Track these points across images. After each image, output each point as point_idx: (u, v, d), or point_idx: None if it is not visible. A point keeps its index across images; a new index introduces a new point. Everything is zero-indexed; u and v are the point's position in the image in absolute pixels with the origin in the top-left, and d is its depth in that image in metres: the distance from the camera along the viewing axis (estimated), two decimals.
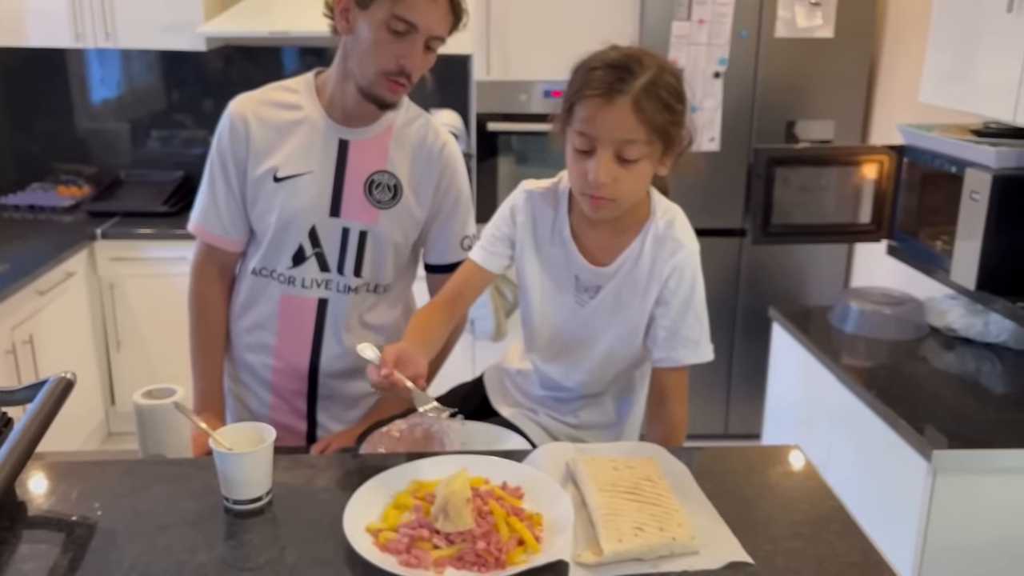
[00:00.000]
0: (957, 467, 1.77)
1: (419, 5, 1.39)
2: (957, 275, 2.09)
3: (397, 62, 1.42)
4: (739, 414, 3.50)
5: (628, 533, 1.05)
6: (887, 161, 2.40)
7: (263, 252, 1.58)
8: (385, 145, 1.55)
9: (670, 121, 1.25)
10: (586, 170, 1.26)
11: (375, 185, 1.54)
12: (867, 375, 2.10)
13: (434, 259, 1.65)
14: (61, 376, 1.21)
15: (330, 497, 1.18)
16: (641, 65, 1.24)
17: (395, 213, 1.56)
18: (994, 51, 2.02)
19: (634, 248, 1.37)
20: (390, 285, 1.63)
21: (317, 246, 1.55)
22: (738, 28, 3.12)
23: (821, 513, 1.17)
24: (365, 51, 1.43)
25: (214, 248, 1.61)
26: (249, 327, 1.64)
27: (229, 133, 1.54)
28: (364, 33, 1.42)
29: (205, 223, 1.60)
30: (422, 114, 1.61)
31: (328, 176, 1.53)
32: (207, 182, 1.59)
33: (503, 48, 3.21)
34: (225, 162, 1.55)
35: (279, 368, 1.63)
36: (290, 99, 1.55)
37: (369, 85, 1.46)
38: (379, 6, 1.40)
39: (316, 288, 1.58)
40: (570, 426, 1.49)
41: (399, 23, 1.39)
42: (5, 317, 2.67)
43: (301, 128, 1.53)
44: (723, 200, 3.30)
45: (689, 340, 1.36)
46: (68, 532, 1.10)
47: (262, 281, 1.60)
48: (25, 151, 3.74)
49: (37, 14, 3.28)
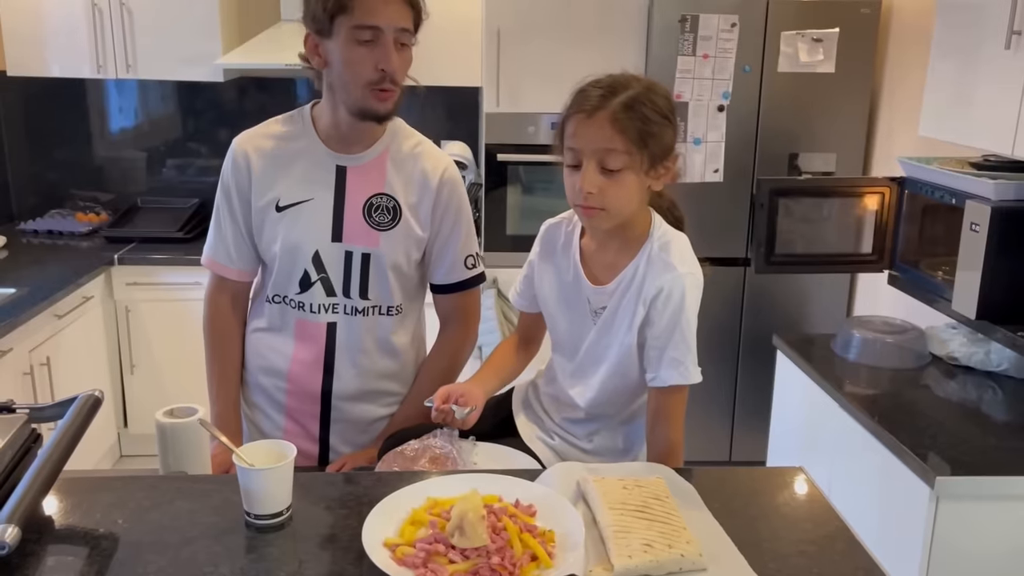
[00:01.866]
0: (960, 494, 1.79)
1: (374, 8, 1.43)
2: (958, 304, 2.13)
3: (376, 69, 1.46)
4: (743, 441, 3.52)
5: (638, 550, 1.09)
6: (888, 193, 2.46)
7: (274, 280, 1.62)
8: (382, 168, 1.59)
9: (646, 132, 1.32)
10: (575, 182, 1.35)
11: (374, 208, 1.58)
12: (870, 402, 2.13)
13: (439, 279, 1.68)
14: (90, 393, 1.26)
15: (348, 513, 1.21)
16: (624, 86, 1.34)
17: (395, 235, 1.59)
18: (992, 86, 2.08)
19: (631, 268, 1.42)
20: (400, 306, 1.66)
21: (322, 271, 1.59)
22: (741, 63, 3.20)
23: (826, 533, 1.20)
24: (344, 73, 1.48)
25: (224, 279, 1.67)
26: (264, 352, 1.68)
27: (232, 168, 1.60)
28: (337, 57, 1.47)
29: (214, 255, 1.66)
30: (417, 136, 1.65)
31: (328, 202, 1.58)
32: (215, 217, 1.66)
33: (512, 81, 3.29)
34: (230, 196, 1.61)
35: (292, 391, 1.67)
36: (288, 131, 1.60)
37: (360, 102, 1.49)
38: (339, 26, 1.44)
39: (325, 312, 1.62)
40: (585, 451, 1.53)
41: (363, 32, 1.44)
42: (24, 339, 2.72)
43: (300, 158, 1.58)
44: (727, 230, 3.36)
45: (674, 360, 1.39)
46: (94, 545, 1.14)
47: (277, 308, 1.65)
48: (44, 178, 3.83)
49: (59, 46, 3.39)
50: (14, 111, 3.75)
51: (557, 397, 1.56)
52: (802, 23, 3.18)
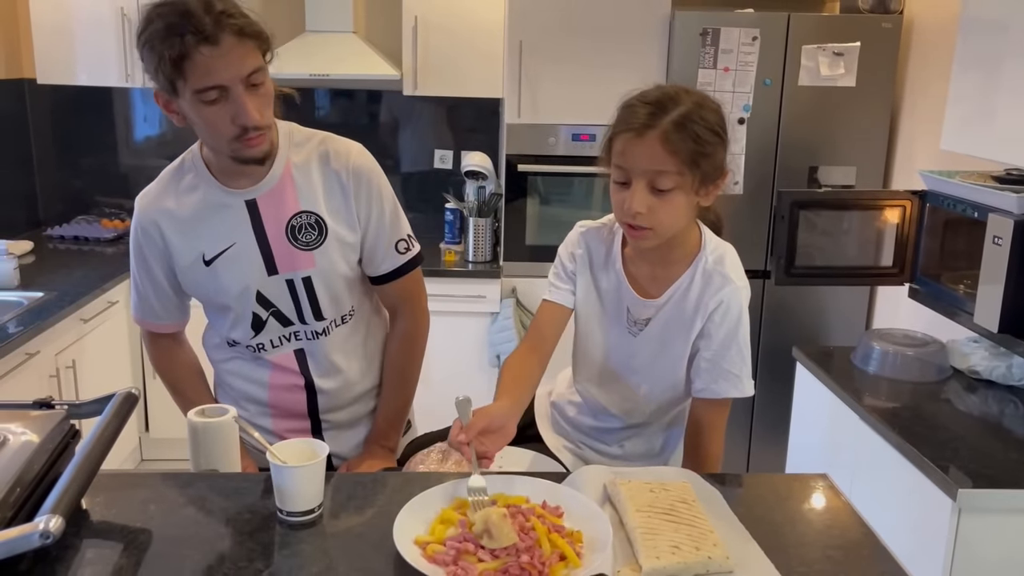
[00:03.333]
0: (982, 506, 1.79)
1: (209, 64, 1.31)
2: (980, 318, 2.13)
3: (235, 124, 1.37)
4: (761, 453, 3.51)
5: (665, 551, 1.10)
6: (909, 206, 2.46)
7: (227, 327, 1.59)
8: (290, 187, 1.52)
9: (698, 152, 1.29)
10: (623, 200, 1.33)
11: (297, 229, 1.52)
12: (890, 415, 2.13)
13: (375, 271, 1.62)
14: (127, 391, 1.29)
15: (378, 511, 1.23)
16: (675, 102, 1.30)
17: (327, 249, 1.53)
18: (1015, 100, 2.09)
19: (683, 281, 1.42)
20: (352, 309, 1.62)
21: (270, 306, 1.55)
22: (762, 76, 3.22)
23: (852, 539, 1.21)
24: (204, 131, 1.42)
25: (156, 333, 1.67)
26: (239, 384, 1.65)
27: (143, 236, 1.54)
28: (192, 116, 1.39)
29: (141, 314, 1.64)
30: (314, 136, 1.56)
31: (251, 241, 1.51)
32: (133, 280, 1.61)
33: (533, 93, 3.32)
34: (146, 260, 1.56)
35: (276, 415, 1.66)
36: (186, 183, 1.53)
37: (233, 153, 1.42)
38: (182, 88, 1.34)
39: (287, 343, 1.59)
40: (614, 457, 1.54)
41: (208, 93, 1.33)
42: (51, 342, 2.77)
43: (207, 207, 1.51)
44: (746, 242, 3.35)
45: (730, 374, 1.41)
46: (130, 539, 1.16)
47: (238, 350, 1.62)
48: (71, 185, 3.90)
49: (87, 54, 3.45)
50: (42, 119, 3.82)
51: (585, 407, 1.56)
52: (823, 37, 3.19)
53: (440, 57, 3.44)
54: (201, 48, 1.30)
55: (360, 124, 3.85)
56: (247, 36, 1.34)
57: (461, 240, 3.64)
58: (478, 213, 3.53)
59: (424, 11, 3.42)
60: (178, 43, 1.30)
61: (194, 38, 1.29)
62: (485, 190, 3.59)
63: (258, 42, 1.37)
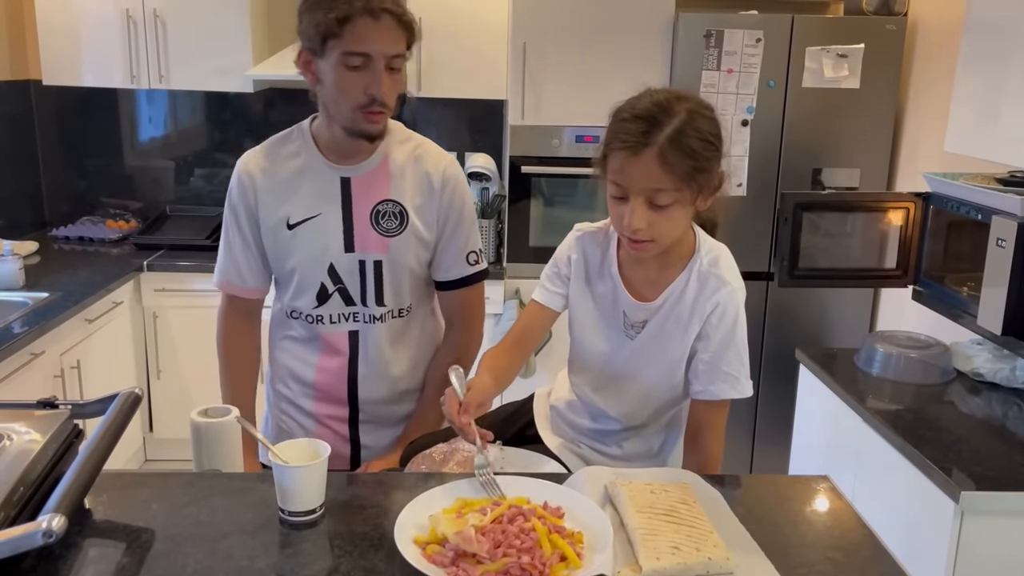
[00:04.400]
0: (985, 509, 1.78)
1: (365, 35, 1.44)
2: (984, 320, 2.13)
3: (365, 93, 1.47)
4: (764, 455, 3.51)
5: (666, 552, 1.10)
6: (913, 208, 2.46)
7: (291, 296, 1.65)
8: (385, 175, 1.61)
9: (696, 167, 1.29)
10: (622, 214, 1.33)
11: (381, 215, 1.60)
12: (893, 417, 2.13)
13: (442, 275, 1.69)
14: (130, 391, 1.29)
15: (379, 512, 1.24)
16: (669, 115, 1.28)
17: (404, 239, 1.62)
18: (1019, 102, 2.09)
19: (678, 283, 1.42)
20: (410, 307, 1.68)
21: (339, 282, 1.62)
22: (766, 78, 3.22)
23: (853, 540, 1.21)
24: (334, 94, 1.50)
25: (236, 298, 1.70)
26: (289, 362, 1.71)
27: (239, 189, 1.63)
28: (328, 78, 1.49)
29: (225, 276, 1.69)
30: (415, 137, 1.67)
31: (337, 215, 1.60)
32: (223, 237, 1.68)
33: (537, 94, 3.33)
34: (238, 216, 1.64)
35: (319, 398, 1.70)
36: (290, 149, 1.62)
37: (350, 123, 1.52)
38: (331, 48, 1.45)
39: (344, 322, 1.65)
40: (613, 457, 1.54)
41: (353, 58, 1.45)
42: (55, 343, 2.78)
43: (304, 175, 1.60)
44: (750, 244, 3.36)
45: (728, 375, 1.41)
46: (133, 538, 1.17)
47: (294, 322, 1.68)
48: (76, 186, 3.91)
49: (93, 56, 3.46)
50: (48, 120, 3.84)
51: (583, 409, 1.56)
52: (827, 39, 3.19)
53: (444, 59, 3.45)
54: (364, 17, 1.44)
55: None
56: (402, 25, 1.48)
57: None
58: (482, 215, 3.53)
59: (428, 13, 3.42)
60: (346, 7, 1.44)
61: (360, 6, 1.44)
62: (489, 191, 3.59)
63: (408, 35, 1.50)
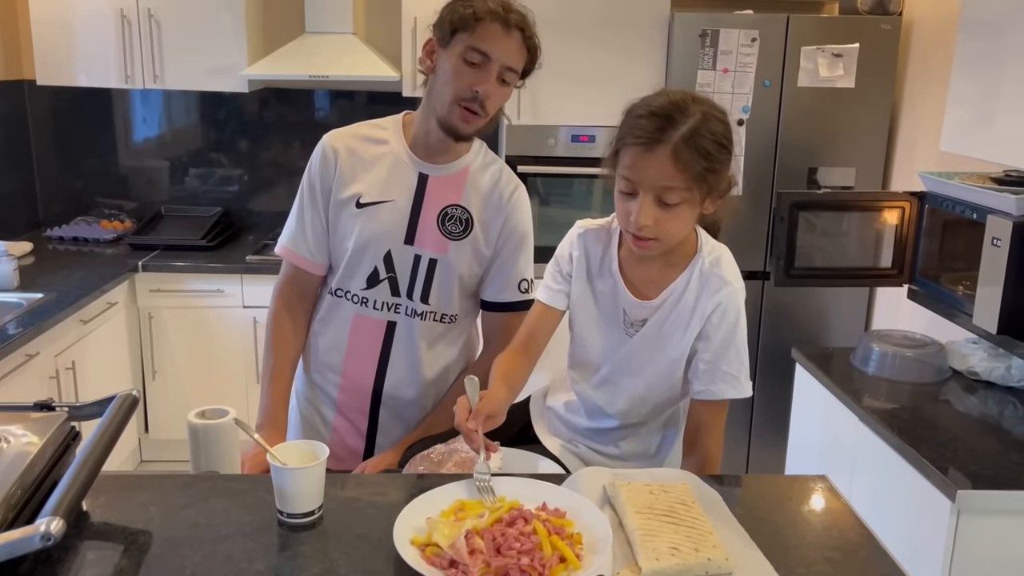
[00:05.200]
0: (981, 507, 1.79)
1: (492, 37, 1.51)
2: (979, 319, 2.13)
3: (471, 89, 1.52)
4: (760, 454, 3.51)
5: (665, 553, 1.10)
6: (908, 207, 2.46)
7: (341, 273, 1.67)
8: (461, 183, 1.65)
9: (708, 168, 1.30)
10: (629, 211, 1.34)
11: (448, 218, 1.64)
12: (889, 416, 2.13)
13: (491, 296, 1.72)
14: (127, 393, 1.29)
15: (377, 513, 1.23)
16: (684, 114, 1.30)
17: (463, 246, 1.65)
18: (1014, 102, 2.09)
19: (679, 283, 1.43)
20: (455, 317, 1.70)
21: (391, 270, 1.65)
22: (761, 77, 3.22)
23: (851, 540, 1.21)
24: (444, 82, 1.55)
25: (299, 270, 1.71)
26: (320, 345, 1.72)
27: (320, 161, 1.66)
28: (444, 67, 1.55)
29: (293, 246, 1.70)
30: (497, 160, 1.72)
31: (406, 206, 1.63)
32: (296, 207, 1.70)
33: (533, 94, 3.32)
34: (314, 188, 1.67)
35: (345, 387, 1.71)
36: (378, 135, 1.67)
37: (446, 114, 1.56)
38: (458, 40, 1.53)
39: (386, 311, 1.67)
40: (611, 457, 1.54)
41: (474, 54, 1.51)
42: (50, 344, 2.77)
43: (386, 160, 1.65)
44: (746, 243, 3.37)
45: (728, 375, 1.42)
46: (131, 540, 1.16)
47: (337, 301, 1.70)
48: (71, 186, 3.90)
49: (88, 56, 3.45)
50: (42, 120, 3.82)
51: (580, 409, 1.56)
52: (822, 38, 3.20)
53: None
54: (496, 22, 1.52)
55: None
56: (527, 45, 1.56)
57: None
58: None
59: (424, 12, 3.42)
60: (484, 7, 1.52)
61: (497, 12, 1.52)
62: None
63: (529, 56, 1.57)
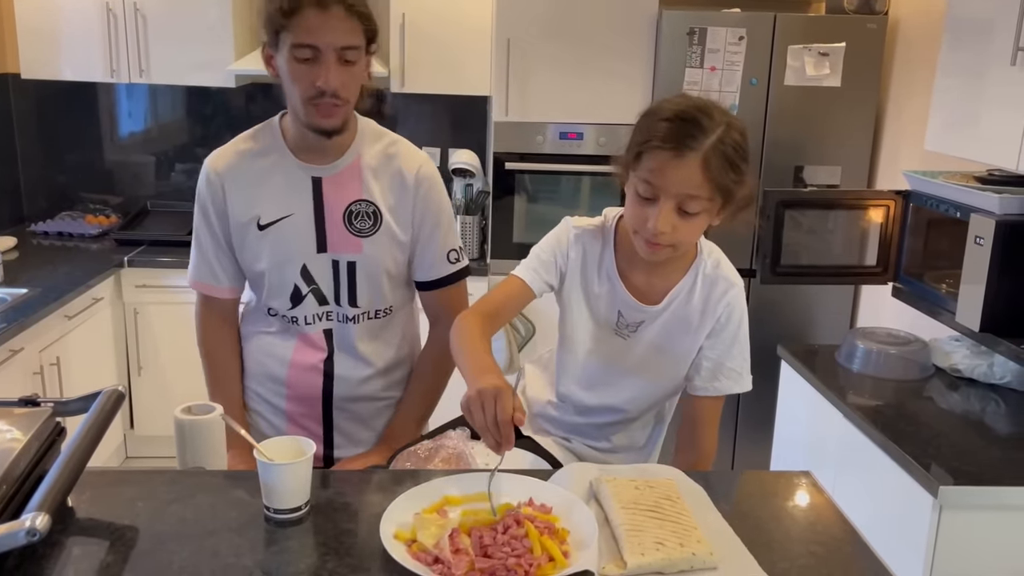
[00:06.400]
0: (963, 503, 1.81)
1: (312, 25, 1.41)
2: (962, 317, 2.15)
3: (314, 86, 1.44)
4: (746, 451, 3.53)
5: (650, 548, 1.11)
6: (893, 206, 2.48)
7: (264, 294, 1.63)
8: (357, 175, 1.58)
9: (735, 180, 1.29)
10: (646, 216, 1.30)
11: (354, 215, 1.58)
12: (873, 413, 2.15)
13: (423, 276, 1.68)
14: (113, 388, 1.28)
15: (364, 509, 1.24)
16: (712, 120, 1.27)
17: (378, 239, 1.59)
18: (998, 102, 2.11)
19: (683, 286, 1.43)
20: (390, 308, 1.67)
21: (312, 283, 1.60)
22: (748, 76, 3.24)
23: (834, 535, 1.23)
24: (288, 87, 1.49)
25: (211, 298, 1.68)
26: (263, 359, 1.69)
27: (207, 189, 1.60)
28: (283, 71, 1.48)
29: (198, 276, 1.67)
30: (388, 135, 1.64)
31: (308, 215, 1.57)
32: (194, 239, 1.66)
33: (521, 91, 3.33)
34: (208, 215, 1.61)
35: (292, 396, 1.68)
36: (260, 146, 1.60)
37: (305, 117, 1.49)
38: (283, 41, 1.44)
39: (319, 321, 1.63)
40: (602, 451, 1.55)
41: (302, 50, 1.43)
42: (34, 339, 2.75)
43: (274, 174, 1.58)
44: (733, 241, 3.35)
45: (733, 371, 1.45)
46: (117, 536, 1.16)
47: (270, 318, 1.66)
48: (55, 180, 3.87)
49: (73, 50, 3.42)
50: (27, 114, 3.79)
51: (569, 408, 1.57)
52: (809, 37, 3.21)
53: (428, 54, 3.44)
54: (311, 8, 1.41)
55: None
56: (354, 14, 1.44)
57: None
58: (465, 211, 3.53)
59: (412, 8, 3.42)
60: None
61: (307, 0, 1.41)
62: (472, 188, 3.59)
63: (364, 25, 1.46)
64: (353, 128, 1.59)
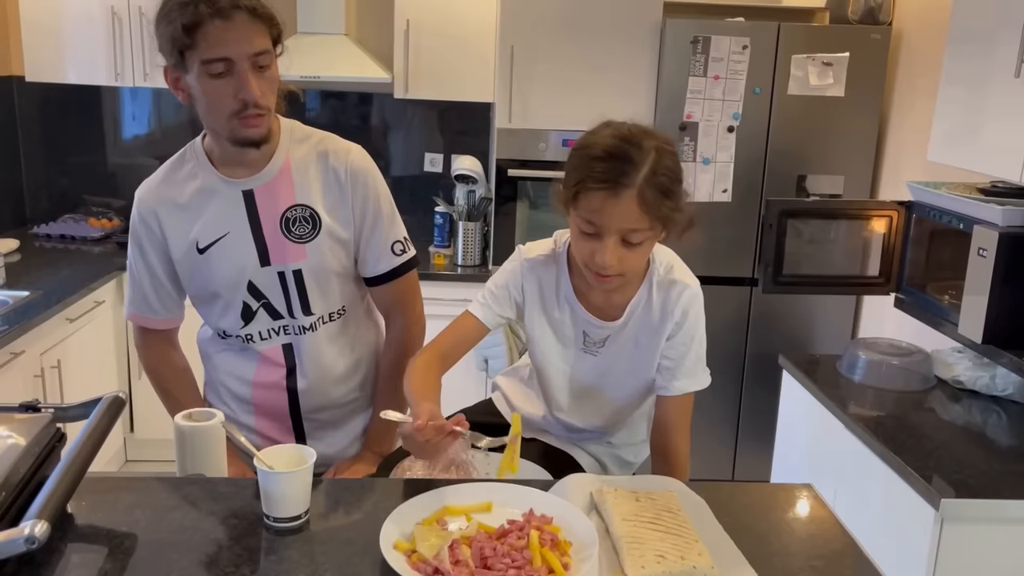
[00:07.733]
0: (965, 516, 1.80)
1: (218, 38, 1.36)
2: (964, 329, 2.15)
3: (236, 99, 1.41)
4: (747, 461, 3.53)
5: (651, 560, 1.11)
6: (896, 216, 2.48)
7: (215, 318, 1.61)
8: (288, 180, 1.55)
9: (671, 208, 1.31)
10: (593, 250, 1.32)
11: (291, 222, 1.54)
12: (875, 424, 2.14)
13: (370, 271, 1.64)
14: (114, 395, 1.28)
15: (364, 518, 1.23)
16: (641, 150, 1.28)
17: (320, 243, 1.56)
18: (1001, 113, 2.11)
19: (640, 297, 1.45)
20: (343, 308, 1.64)
21: (261, 298, 1.57)
22: (752, 85, 3.24)
23: (835, 549, 1.22)
24: (206, 107, 1.44)
25: (149, 330, 1.67)
26: (224, 379, 1.67)
27: (141, 223, 1.57)
28: (197, 91, 1.42)
29: (137, 309, 1.64)
30: (315, 134, 1.60)
31: (245, 230, 1.54)
32: (128, 271, 1.64)
33: (524, 98, 3.33)
34: (143, 249, 1.58)
35: (259, 413, 1.67)
36: (186, 172, 1.55)
37: (230, 133, 1.45)
38: (191, 60, 1.39)
39: (276, 336, 1.61)
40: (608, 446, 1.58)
41: (214, 65, 1.38)
42: (36, 342, 2.75)
43: (205, 195, 1.54)
44: (734, 250, 3.38)
45: (690, 370, 1.46)
46: (116, 543, 1.16)
47: (225, 342, 1.64)
48: (58, 183, 3.87)
49: (77, 53, 3.43)
50: (31, 117, 3.80)
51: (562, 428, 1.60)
52: (813, 47, 3.22)
53: (431, 60, 3.45)
54: (214, 20, 1.36)
55: (351, 126, 3.84)
56: (259, 17, 1.40)
57: (450, 244, 3.64)
58: (467, 217, 3.53)
59: (416, 14, 3.42)
60: (192, 12, 1.35)
61: (208, 8, 1.35)
62: (475, 194, 3.59)
63: (269, 27, 1.42)
64: (276, 132, 1.55)
